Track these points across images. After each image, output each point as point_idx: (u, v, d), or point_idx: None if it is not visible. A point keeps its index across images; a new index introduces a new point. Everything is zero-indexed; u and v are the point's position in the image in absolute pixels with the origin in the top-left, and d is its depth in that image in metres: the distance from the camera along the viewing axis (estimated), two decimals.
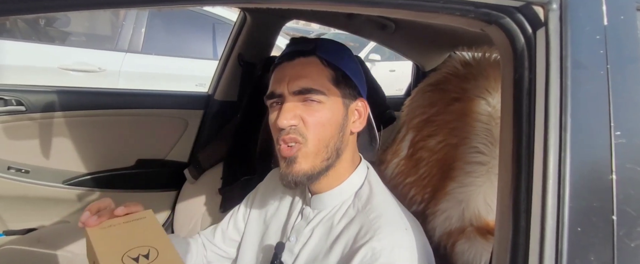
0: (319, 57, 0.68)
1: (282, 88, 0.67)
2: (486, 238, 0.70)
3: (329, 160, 0.67)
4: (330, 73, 0.67)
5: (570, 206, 0.42)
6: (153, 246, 0.54)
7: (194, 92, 1.62)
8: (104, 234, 0.56)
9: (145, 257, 0.52)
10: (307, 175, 0.66)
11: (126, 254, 0.52)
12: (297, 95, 0.66)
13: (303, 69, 0.67)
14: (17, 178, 1.24)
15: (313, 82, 0.66)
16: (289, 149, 0.65)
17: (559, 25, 0.45)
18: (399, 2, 0.44)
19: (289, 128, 0.65)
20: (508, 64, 0.50)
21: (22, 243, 1.06)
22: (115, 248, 0.53)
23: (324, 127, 0.66)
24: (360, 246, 0.61)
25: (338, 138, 0.67)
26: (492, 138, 0.75)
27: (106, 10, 1.33)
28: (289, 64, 0.68)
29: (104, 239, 0.54)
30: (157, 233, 0.56)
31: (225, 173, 1.35)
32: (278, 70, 0.69)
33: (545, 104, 0.44)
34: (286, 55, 0.70)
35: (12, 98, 1.19)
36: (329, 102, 0.66)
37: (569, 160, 0.43)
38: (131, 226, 0.57)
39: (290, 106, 0.65)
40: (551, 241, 0.41)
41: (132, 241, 0.54)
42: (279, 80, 0.68)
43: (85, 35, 2.86)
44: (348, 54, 0.72)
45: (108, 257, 0.52)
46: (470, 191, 0.74)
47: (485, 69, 0.81)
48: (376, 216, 0.65)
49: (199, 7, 2.65)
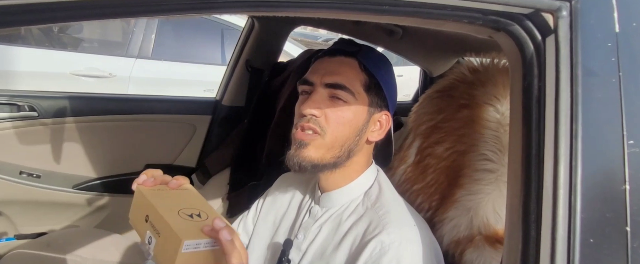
0: (359, 61, 0.70)
1: (315, 78, 0.69)
2: (495, 247, 0.68)
3: (339, 158, 0.68)
4: (365, 78, 0.69)
5: (582, 216, 0.41)
6: (202, 210, 0.56)
7: (202, 97, 1.63)
8: (156, 193, 0.58)
9: (198, 216, 0.54)
10: (313, 163, 0.67)
11: (181, 211, 0.54)
12: (327, 88, 0.68)
13: (340, 66, 0.69)
14: (29, 182, 1.26)
15: (346, 80, 0.68)
16: (305, 135, 0.67)
17: (569, 33, 0.44)
18: (407, 10, 0.44)
19: (310, 117, 0.67)
20: (517, 71, 0.50)
21: (32, 247, 1.07)
22: (170, 205, 0.55)
23: (343, 126, 0.67)
24: (369, 240, 0.62)
25: (353, 141, 0.69)
26: (500, 146, 0.74)
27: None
28: (328, 59, 0.71)
29: (157, 197, 0.56)
30: (201, 201, 0.59)
31: (232, 179, 1.35)
32: (317, 62, 0.72)
33: (555, 112, 0.44)
34: (329, 51, 0.73)
35: (25, 104, 1.22)
36: (355, 104, 0.68)
37: (580, 169, 0.42)
38: (177, 192, 0.60)
39: (317, 97, 0.68)
40: (562, 252, 0.40)
41: (182, 203, 0.56)
42: (315, 70, 0.71)
43: (97, 42, 2.92)
44: (387, 68, 0.74)
45: (167, 210, 0.53)
46: (478, 199, 0.73)
47: (494, 76, 0.80)
48: (385, 212, 0.66)
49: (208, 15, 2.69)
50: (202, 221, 0.53)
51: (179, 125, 1.43)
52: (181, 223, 0.52)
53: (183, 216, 0.53)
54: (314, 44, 5.59)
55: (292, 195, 0.81)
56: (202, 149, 1.46)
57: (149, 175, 0.61)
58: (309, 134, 0.67)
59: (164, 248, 0.51)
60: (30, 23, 0.38)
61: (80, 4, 0.37)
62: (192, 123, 1.45)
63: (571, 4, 0.45)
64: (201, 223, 0.53)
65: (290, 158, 0.68)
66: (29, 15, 0.35)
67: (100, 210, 1.38)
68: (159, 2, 0.40)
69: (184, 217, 0.53)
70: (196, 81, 2.77)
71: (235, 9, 0.49)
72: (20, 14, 0.35)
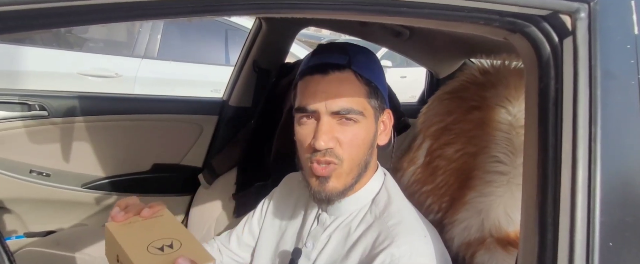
0: (354, 72, 0.65)
1: (317, 105, 0.63)
2: (507, 250, 0.68)
3: (359, 176, 0.67)
4: (365, 89, 0.65)
5: (601, 220, 0.40)
6: (175, 237, 0.55)
7: (209, 97, 1.64)
8: (126, 229, 0.57)
9: (169, 247, 0.54)
10: (340, 192, 0.66)
11: (151, 245, 0.53)
12: (334, 115, 0.64)
13: (340, 86, 0.64)
14: (39, 181, 1.27)
15: (352, 101, 0.63)
16: (323, 169, 0.64)
17: (587, 35, 0.44)
18: (424, 12, 0.44)
19: (325, 151, 0.63)
20: (532, 73, 0.50)
21: (41, 245, 1.08)
22: (139, 241, 0.54)
23: (359, 147, 0.65)
24: (379, 252, 0.61)
25: (368, 154, 0.67)
26: (512, 148, 0.73)
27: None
28: (323, 79, 0.64)
29: (126, 234, 0.56)
30: (176, 227, 0.58)
31: (239, 179, 1.35)
32: (310, 83, 0.65)
33: (573, 114, 0.43)
34: (319, 67, 0.66)
35: (36, 104, 1.23)
36: (364, 121, 0.65)
37: (599, 173, 0.41)
38: (151, 222, 0.59)
39: (327, 127, 0.63)
40: (581, 256, 0.40)
41: (154, 234, 0.55)
42: (312, 94, 0.64)
43: (103, 42, 2.93)
44: (376, 63, 0.70)
45: (134, 248, 0.53)
46: (490, 201, 0.72)
47: (506, 77, 0.80)
48: (395, 223, 0.64)
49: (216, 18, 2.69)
50: (174, 252, 0.53)
51: (186, 125, 1.44)
52: (148, 260, 0.51)
53: (152, 251, 0.53)
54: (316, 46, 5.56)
55: (297, 197, 0.80)
56: (209, 149, 1.47)
57: (123, 206, 0.60)
58: (327, 167, 0.64)
59: None
60: (44, 27, 0.38)
61: (92, 8, 0.37)
62: (199, 123, 1.45)
63: (590, 6, 0.44)
64: (172, 256, 0.52)
65: (316, 194, 0.65)
66: (43, 20, 0.36)
67: (108, 209, 1.39)
68: (168, 5, 0.40)
69: (154, 252, 0.52)
70: (201, 81, 2.78)
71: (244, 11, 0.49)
72: (33, 19, 0.35)
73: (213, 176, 1.40)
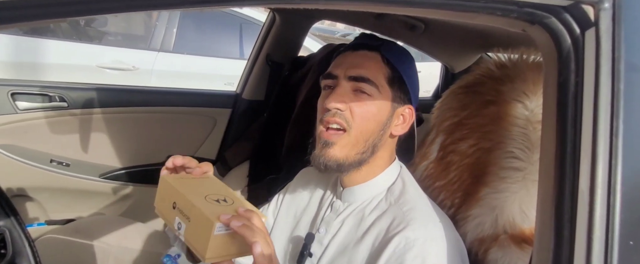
0: (382, 55, 0.69)
1: (338, 71, 0.69)
2: (521, 247, 0.67)
3: (364, 154, 0.68)
4: (388, 72, 0.69)
5: (621, 217, 0.39)
6: (227, 195, 0.58)
7: (223, 90, 1.65)
8: (181, 181, 0.59)
9: (224, 201, 0.56)
10: (339, 162, 0.67)
11: (208, 196, 0.55)
12: (351, 81, 0.68)
13: (364, 60, 0.69)
14: (59, 170, 1.31)
15: (370, 73, 0.67)
16: (330, 134, 0.67)
17: (611, 26, 0.42)
18: (439, 2, 0.43)
19: (335, 111, 0.67)
20: (552, 66, 0.48)
21: (62, 233, 1.12)
22: (196, 191, 0.56)
23: (368, 120, 0.67)
24: (393, 236, 0.62)
25: (378, 136, 0.68)
26: (529, 143, 0.72)
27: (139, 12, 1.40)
28: (351, 53, 0.71)
29: (183, 185, 0.58)
30: (224, 187, 0.60)
31: (251, 171, 1.37)
32: (340, 57, 0.72)
33: (594, 109, 0.42)
34: (351, 45, 0.72)
35: (56, 95, 1.26)
36: (379, 98, 0.68)
37: (620, 168, 0.40)
38: (202, 180, 0.61)
39: (341, 91, 0.67)
40: (599, 253, 0.39)
41: (208, 189, 0.58)
42: (338, 64, 0.70)
43: (121, 35, 2.99)
44: (410, 62, 0.74)
45: (193, 195, 0.55)
46: (504, 197, 0.71)
47: (523, 72, 0.78)
48: (410, 209, 0.65)
49: (228, 8, 2.70)
50: (229, 205, 0.55)
51: (200, 118, 1.46)
52: (210, 207, 0.53)
53: (210, 201, 0.54)
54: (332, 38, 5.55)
55: (313, 189, 0.81)
56: (222, 141, 1.49)
57: (178, 160, 0.63)
58: (335, 133, 0.67)
59: (196, 231, 0.52)
60: (55, 16, 0.38)
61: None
62: (213, 116, 1.47)
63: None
64: (229, 208, 0.54)
65: (315, 158, 0.68)
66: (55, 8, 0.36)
67: (125, 199, 1.43)
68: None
69: (211, 202, 0.54)
70: (216, 75, 2.80)
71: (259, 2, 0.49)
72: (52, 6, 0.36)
73: (226, 169, 1.42)
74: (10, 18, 0.35)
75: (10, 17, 0.35)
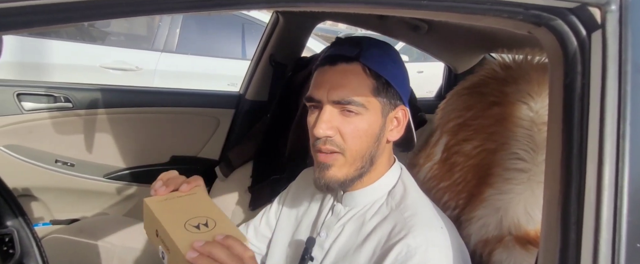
0: (362, 64, 0.65)
1: (320, 95, 0.65)
2: (526, 249, 0.67)
3: (363, 168, 0.67)
4: (372, 82, 0.65)
5: (628, 220, 0.39)
6: (210, 216, 0.56)
7: (226, 91, 1.66)
8: (164, 206, 0.58)
9: (205, 225, 0.55)
10: (340, 182, 0.66)
11: (188, 223, 0.55)
12: (336, 105, 0.65)
13: (344, 77, 0.65)
14: (63, 170, 1.32)
15: (353, 92, 0.64)
16: (326, 157, 0.65)
17: (618, 28, 0.42)
18: (443, 5, 0.43)
19: (325, 139, 0.65)
20: (558, 68, 0.48)
21: (66, 233, 1.12)
22: (177, 217, 0.56)
23: (360, 138, 0.65)
24: (395, 243, 0.61)
25: (373, 148, 0.67)
26: (534, 145, 0.71)
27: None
28: (330, 69, 0.66)
29: (165, 210, 0.57)
30: (210, 205, 0.59)
31: (255, 172, 1.37)
32: (319, 73, 0.68)
33: (600, 111, 0.42)
34: (329, 58, 0.68)
35: (61, 95, 1.27)
36: (367, 113, 0.65)
37: (627, 170, 0.40)
38: (186, 200, 0.60)
39: (327, 116, 0.64)
40: (606, 256, 0.39)
41: (190, 212, 0.57)
42: (319, 84, 0.67)
43: (124, 36, 3.00)
44: (393, 59, 0.69)
45: (172, 224, 0.54)
46: (509, 198, 0.71)
47: (528, 73, 0.78)
48: (411, 215, 0.65)
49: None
50: (209, 231, 0.54)
51: (203, 118, 1.46)
52: (186, 236, 0.52)
53: (189, 229, 0.54)
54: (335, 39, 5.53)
55: (314, 191, 0.80)
56: (226, 142, 1.49)
57: (165, 179, 0.62)
58: (330, 155, 0.65)
59: (175, 261, 0.52)
60: (62, 22, 0.39)
61: (111, 2, 0.37)
62: (216, 116, 1.47)
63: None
64: (207, 234, 0.53)
65: (317, 180, 0.67)
66: (60, 15, 0.36)
67: (128, 199, 1.43)
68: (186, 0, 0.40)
69: (190, 229, 0.54)
70: (219, 75, 2.81)
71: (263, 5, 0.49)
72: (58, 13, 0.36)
73: (229, 169, 1.42)
74: (18, 24, 0.36)
75: (18, 23, 0.36)
